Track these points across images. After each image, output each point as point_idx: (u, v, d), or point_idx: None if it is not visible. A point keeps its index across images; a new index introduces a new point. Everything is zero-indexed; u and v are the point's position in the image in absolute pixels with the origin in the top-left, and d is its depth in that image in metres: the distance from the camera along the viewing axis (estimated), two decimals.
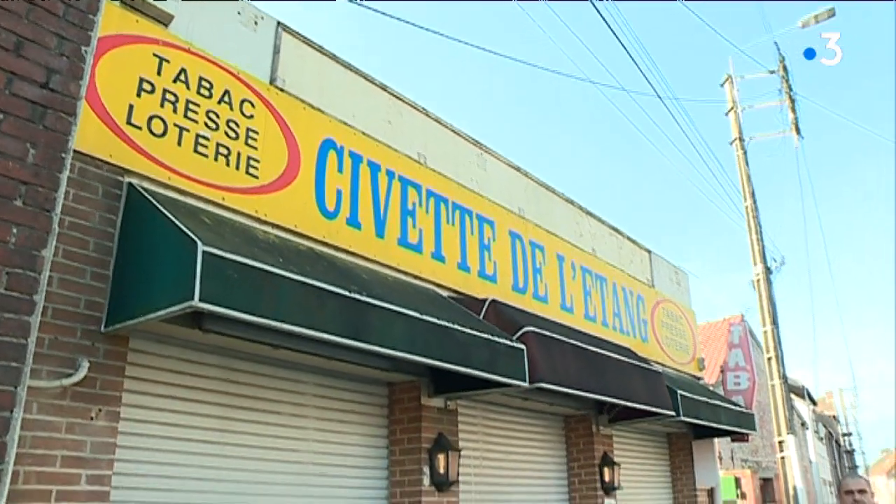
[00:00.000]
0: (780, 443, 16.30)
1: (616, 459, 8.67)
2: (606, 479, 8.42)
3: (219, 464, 5.07)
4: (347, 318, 4.60)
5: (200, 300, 3.78)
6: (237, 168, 5.16)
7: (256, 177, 5.28)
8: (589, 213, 9.61)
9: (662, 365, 9.86)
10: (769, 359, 17.13)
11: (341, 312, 4.56)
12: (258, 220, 5.25)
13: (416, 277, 6.35)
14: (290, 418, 5.62)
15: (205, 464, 4.99)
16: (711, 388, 13.08)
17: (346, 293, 4.63)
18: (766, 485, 21.41)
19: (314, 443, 5.76)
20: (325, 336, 4.45)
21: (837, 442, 55.22)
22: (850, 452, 59.44)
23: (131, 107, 4.60)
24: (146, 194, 4.43)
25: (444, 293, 6.54)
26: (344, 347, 4.79)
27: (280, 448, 5.50)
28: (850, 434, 59.43)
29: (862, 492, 5.26)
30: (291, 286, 4.30)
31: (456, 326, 5.38)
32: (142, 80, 4.70)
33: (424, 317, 5.13)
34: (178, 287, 3.88)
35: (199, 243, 3.86)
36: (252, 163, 5.26)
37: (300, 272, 4.43)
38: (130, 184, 4.52)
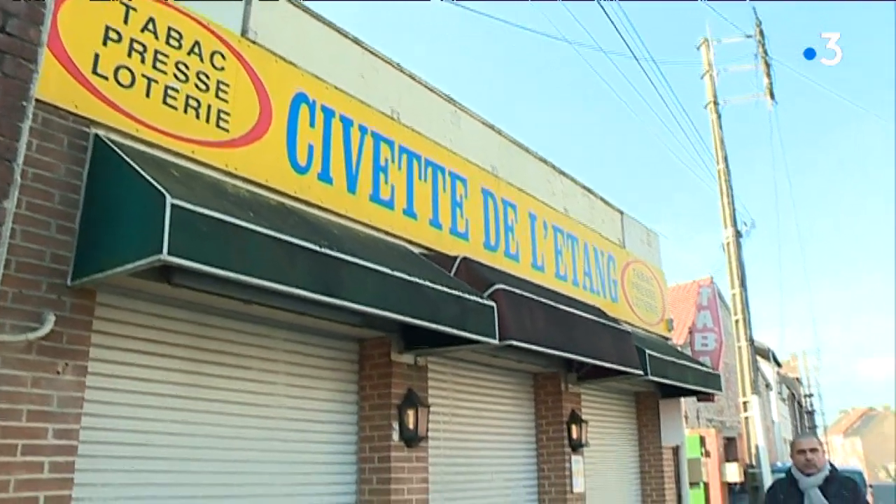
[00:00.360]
0: (745, 403, 16.64)
1: (584, 417, 8.78)
2: (574, 436, 8.53)
3: (188, 418, 5.06)
4: (318, 274, 4.58)
5: (169, 254, 3.73)
6: (207, 121, 5.08)
7: (227, 130, 5.20)
8: (562, 173, 9.61)
9: (632, 325, 9.96)
10: (736, 321, 17.39)
11: (312, 268, 4.54)
12: (228, 174, 5.18)
13: (387, 234, 6.33)
14: (260, 373, 5.61)
15: (174, 418, 4.97)
16: (679, 348, 13.24)
17: (317, 248, 4.60)
18: (730, 444, 21.83)
19: (284, 398, 5.76)
20: (296, 291, 4.42)
21: (799, 403, 56.30)
22: (811, 413, 60.62)
23: (97, 56, 4.49)
24: (113, 146, 4.35)
25: (416, 250, 6.53)
26: (314, 303, 4.77)
27: (250, 403, 5.50)
28: (811, 395, 60.61)
29: (813, 450, 5.44)
30: (262, 241, 4.27)
31: (427, 283, 5.38)
32: (108, 29, 4.59)
33: (395, 273, 5.12)
34: (146, 240, 3.83)
35: (168, 196, 3.81)
36: (223, 116, 5.19)
37: (271, 227, 4.39)
38: (97, 135, 4.43)
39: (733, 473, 17.23)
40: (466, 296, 5.74)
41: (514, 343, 6.22)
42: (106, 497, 4.51)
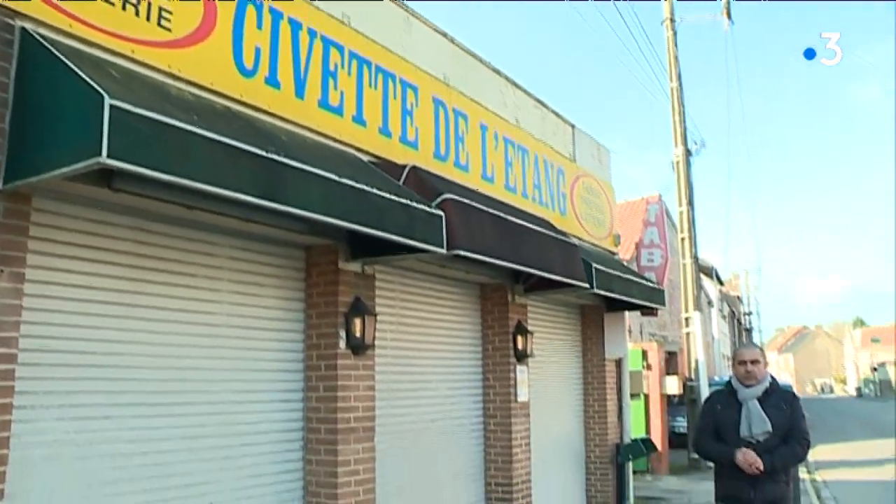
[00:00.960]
0: (687, 319, 17.11)
1: (530, 328, 8.92)
2: (519, 346, 8.67)
3: (132, 326, 4.99)
4: (263, 179, 4.48)
5: (108, 156, 3.59)
6: (148, 19, 4.84)
7: (169, 30, 4.98)
8: (514, 84, 9.50)
9: (579, 238, 10.05)
10: (682, 238, 17.71)
11: (257, 172, 4.44)
12: (172, 76, 4.98)
13: (335, 140, 6.21)
14: (204, 281, 5.54)
15: (117, 326, 4.90)
16: (625, 263, 13.45)
17: (263, 153, 4.49)
18: (671, 358, 22.47)
19: (229, 305, 5.72)
20: (240, 196, 4.33)
21: (739, 320, 58.03)
22: (749, 331, 62.54)
23: None
24: (44, 42, 4.15)
25: (365, 158, 6.44)
26: (260, 209, 4.69)
27: (195, 311, 5.44)
28: (750, 314, 62.46)
29: (754, 362, 5.47)
30: (206, 144, 4.14)
31: (374, 190, 5.33)
32: None
33: (343, 179, 5.05)
34: (83, 143, 3.67)
35: (106, 96, 3.65)
36: (164, 14, 4.95)
37: (215, 130, 4.26)
38: (24, 29, 4.18)
39: (673, 386, 17.77)
40: (414, 204, 5.71)
41: (462, 253, 6.23)
42: (49, 405, 4.47)
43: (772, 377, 5.61)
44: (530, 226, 7.52)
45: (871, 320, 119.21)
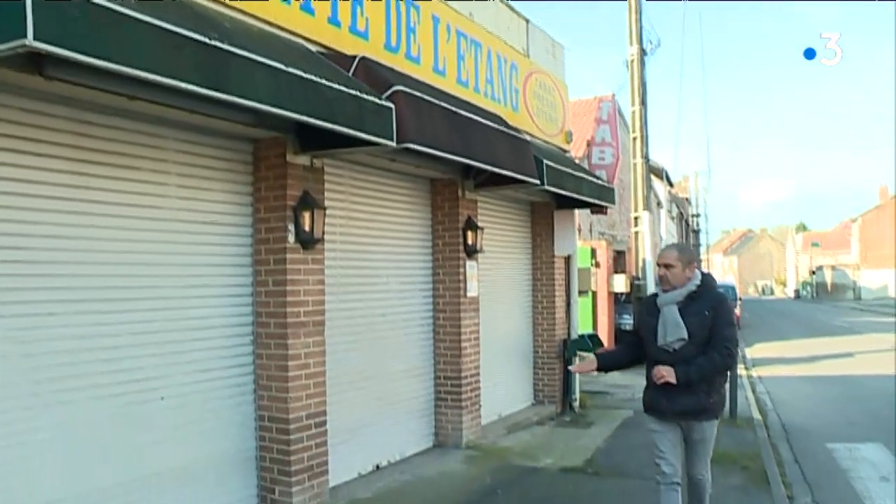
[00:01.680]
0: (636, 218, 17.26)
1: (480, 224, 8.94)
2: (469, 242, 8.70)
3: (74, 221, 4.88)
4: (207, 68, 4.31)
5: (35, 39, 3.37)
6: None
7: None
8: None
9: (531, 135, 9.99)
10: (634, 138, 17.72)
11: (200, 61, 4.26)
12: None
13: (282, 29, 5.98)
14: (150, 174, 5.41)
15: (58, 221, 4.79)
16: (577, 161, 13.47)
17: (207, 41, 4.32)
18: (619, 257, 22.81)
19: (176, 199, 5.61)
20: (182, 85, 4.16)
21: (686, 222, 58.93)
22: (697, 232, 63.57)
23: None
24: None
25: (313, 48, 6.24)
26: (204, 99, 4.52)
27: (141, 205, 5.33)
28: (698, 215, 63.40)
29: (668, 266, 5.12)
30: (145, 30, 3.94)
31: (323, 81, 5.17)
32: None
33: (290, 69, 4.89)
34: (6, 24, 3.41)
35: None
36: None
37: (155, 15, 4.05)
38: None
39: (620, 284, 18.10)
40: (364, 96, 5.57)
41: (412, 146, 6.15)
42: None
43: (704, 281, 5.18)
44: (482, 120, 7.43)
45: (814, 225, 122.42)
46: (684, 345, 4.97)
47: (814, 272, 77.77)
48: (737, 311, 30.65)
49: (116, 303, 5.15)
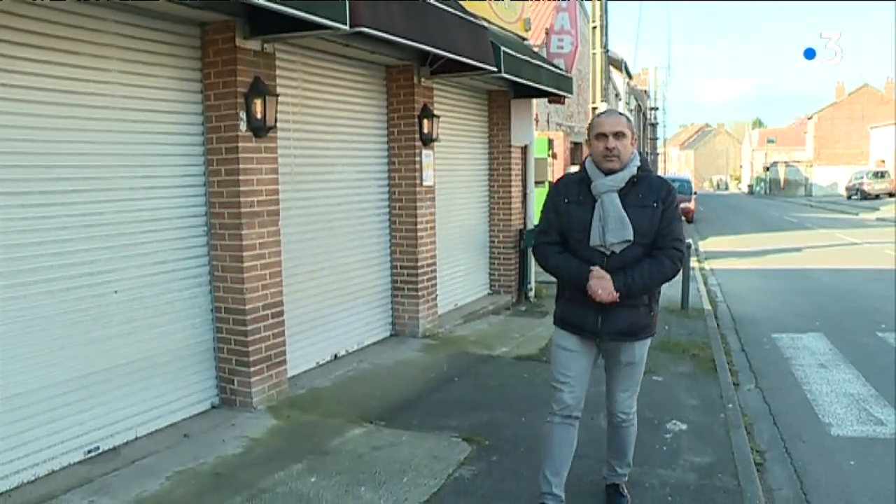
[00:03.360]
0: (594, 109, 17.15)
1: (436, 113, 8.78)
2: (425, 130, 8.56)
3: (7, 108, 4.61)
4: None
5: None
6: None
7: None
8: None
9: (489, 21, 9.71)
10: (594, 27, 17.47)
11: None
12: None
13: None
14: (90, 59, 5.13)
15: None
16: (535, 49, 13.23)
17: None
18: (576, 148, 22.82)
19: (120, 86, 5.36)
20: None
21: (645, 115, 59.02)
22: (654, 125, 63.84)
23: None
24: None
25: None
26: None
27: (81, 92, 5.07)
28: (657, 109, 63.55)
29: (619, 135, 3.83)
30: None
31: None
32: None
33: None
34: None
35: None
36: None
37: None
38: None
39: None
40: None
41: (366, 30, 5.94)
42: None
43: (642, 159, 3.98)
44: (438, 5, 7.20)
45: (771, 123, 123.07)
46: (628, 247, 3.83)
47: (768, 168, 78.72)
48: (691, 205, 31.06)
49: (62, 195, 4.97)
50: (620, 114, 4.07)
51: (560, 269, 4.00)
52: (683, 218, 5.06)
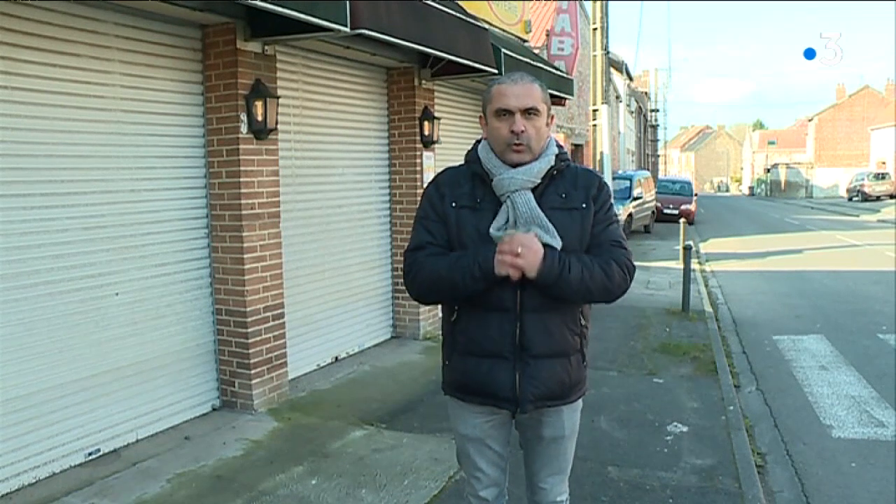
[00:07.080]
0: (595, 111, 17.15)
1: (436, 114, 8.79)
2: (426, 132, 8.57)
3: (8, 111, 4.61)
4: None
5: None
6: None
7: None
8: None
9: (489, 23, 9.76)
10: (595, 29, 17.45)
11: None
12: None
13: None
14: (92, 61, 5.14)
15: None
16: (536, 51, 13.24)
17: None
18: (578, 150, 22.86)
19: (121, 88, 5.37)
20: None
21: (645, 117, 59.07)
22: (655, 127, 63.80)
23: None
24: None
25: None
26: None
27: (83, 94, 5.08)
28: (657, 111, 63.55)
29: (532, 112, 2.58)
30: None
31: None
32: None
33: None
34: None
35: None
36: None
37: None
38: None
39: None
40: None
41: (367, 33, 5.95)
42: None
43: (559, 147, 2.75)
44: (439, 7, 7.22)
45: (772, 125, 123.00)
46: None
47: (768, 170, 78.66)
48: (692, 207, 31.03)
49: (63, 197, 4.97)
50: (533, 80, 2.67)
51: (442, 274, 2.65)
52: (685, 220, 4.90)
